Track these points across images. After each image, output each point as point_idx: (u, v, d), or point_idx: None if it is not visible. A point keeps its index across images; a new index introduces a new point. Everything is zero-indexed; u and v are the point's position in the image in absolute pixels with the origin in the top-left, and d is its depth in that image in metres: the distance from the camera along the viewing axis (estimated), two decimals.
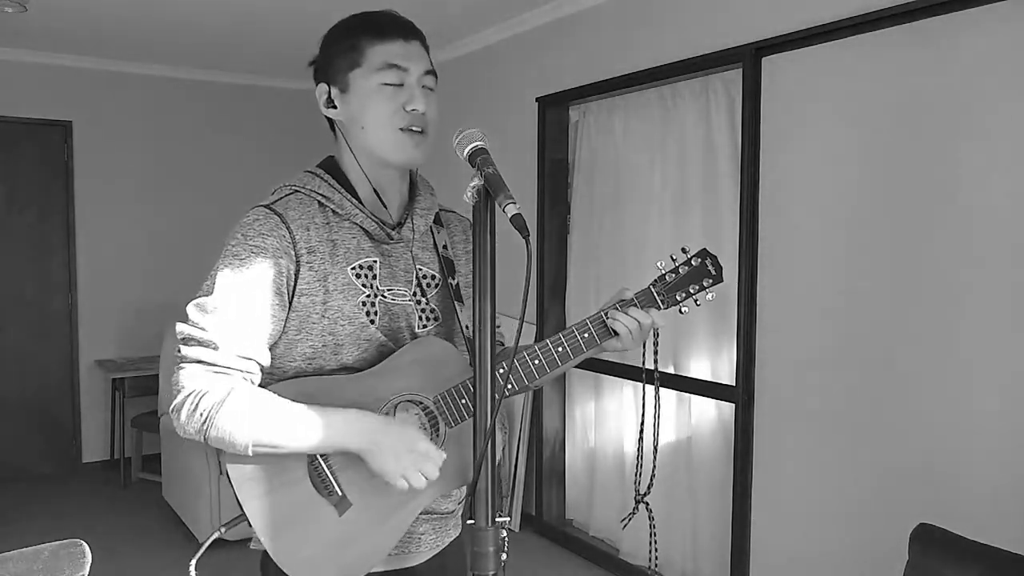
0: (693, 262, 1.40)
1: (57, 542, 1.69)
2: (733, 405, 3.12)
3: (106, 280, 5.29)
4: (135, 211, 5.36)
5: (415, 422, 1.32)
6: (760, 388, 3.02)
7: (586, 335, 1.34)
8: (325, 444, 1.24)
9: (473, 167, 1.13)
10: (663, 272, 1.39)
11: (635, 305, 1.35)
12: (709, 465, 3.45)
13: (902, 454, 2.56)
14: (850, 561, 2.73)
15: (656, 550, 1.62)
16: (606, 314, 1.35)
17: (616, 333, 1.34)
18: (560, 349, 1.33)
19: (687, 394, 3.51)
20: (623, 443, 3.90)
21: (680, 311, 1.40)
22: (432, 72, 1.38)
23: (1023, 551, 1.81)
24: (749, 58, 2.96)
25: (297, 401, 1.25)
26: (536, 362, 1.33)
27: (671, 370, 3.54)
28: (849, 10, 2.62)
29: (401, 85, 1.33)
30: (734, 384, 3.11)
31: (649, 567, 3.38)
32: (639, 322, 1.34)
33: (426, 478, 1.24)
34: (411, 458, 1.23)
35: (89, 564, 1.69)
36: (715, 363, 3.42)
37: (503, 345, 1.56)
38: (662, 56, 3.38)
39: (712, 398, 3.36)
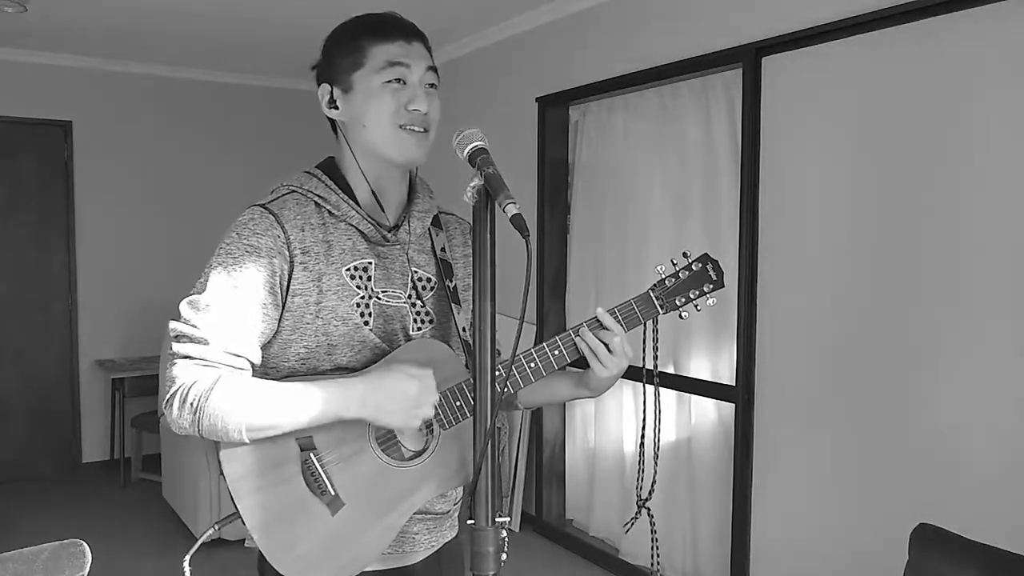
0: (694, 267, 1.39)
1: (57, 542, 1.69)
2: (733, 405, 3.12)
3: (106, 280, 5.29)
4: (135, 211, 5.36)
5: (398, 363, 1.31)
6: (760, 388, 3.02)
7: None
8: (321, 417, 1.24)
9: (473, 167, 1.12)
10: (663, 276, 1.39)
11: (602, 327, 1.34)
12: (709, 465, 3.45)
13: (902, 454, 2.56)
14: (850, 561, 2.73)
15: (658, 557, 1.62)
16: (575, 332, 1.34)
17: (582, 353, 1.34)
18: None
19: (687, 394, 3.51)
20: (623, 443, 3.90)
21: (680, 316, 1.39)
22: (434, 69, 1.38)
23: (1023, 551, 1.81)
24: (749, 58, 2.96)
25: None
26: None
27: (671, 370, 3.54)
28: (849, 10, 2.62)
29: (403, 84, 1.34)
30: (734, 384, 3.11)
31: (652, 572, 3.37)
32: (606, 344, 1.32)
33: (434, 405, 1.27)
34: (412, 403, 1.24)
35: (89, 564, 1.69)
36: (715, 363, 3.42)
37: (499, 353, 1.56)
38: (662, 56, 3.38)
39: (712, 398, 3.37)
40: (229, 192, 5.55)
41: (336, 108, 1.39)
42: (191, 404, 1.22)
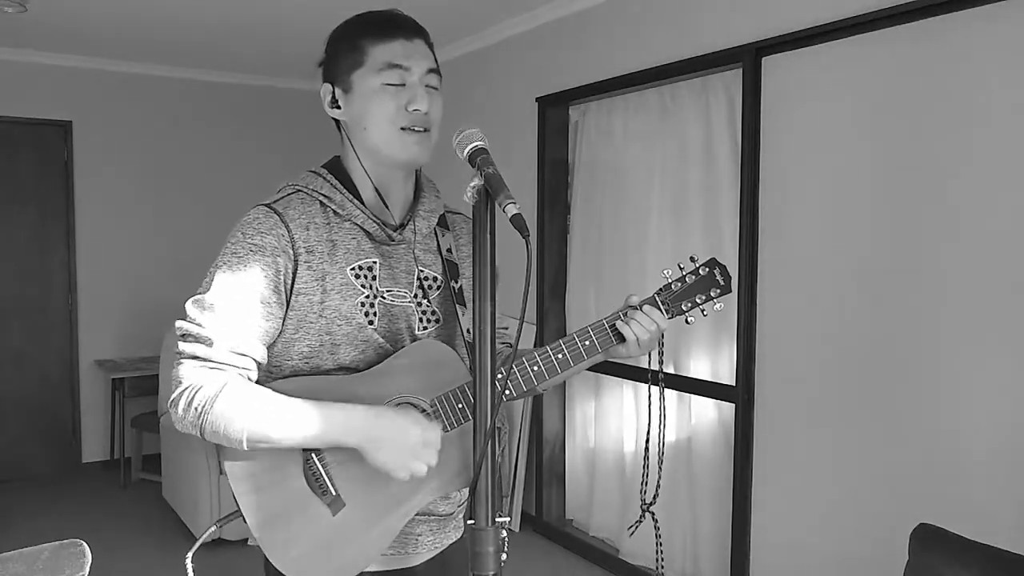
0: (701, 271, 1.38)
1: (57, 542, 1.69)
2: (733, 405, 3.12)
3: (106, 280, 5.29)
4: (135, 211, 5.36)
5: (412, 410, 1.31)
6: (760, 388, 3.02)
7: (587, 342, 1.34)
8: (320, 439, 1.24)
9: (473, 167, 1.12)
10: (669, 281, 1.38)
11: (640, 311, 1.34)
12: (709, 465, 3.45)
13: (902, 454, 2.56)
14: (850, 561, 2.73)
15: (662, 561, 1.63)
16: (614, 319, 1.34)
17: (623, 339, 1.34)
18: (560, 356, 1.33)
19: (687, 394, 3.51)
20: (623, 443, 3.90)
21: (686, 321, 1.38)
22: (435, 70, 1.37)
23: (1023, 551, 1.81)
24: (749, 58, 2.96)
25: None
26: (535, 368, 1.33)
27: (671, 370, 3.53)
28: (849, 10, 2.62)
29: (403, 85, 1.33)
30: (734, 384, 3.11)
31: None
32: (646, 328, 1.33)
33: (428, 465, 1.25)
34: (410, 450, 1.23)
35: (89, 564, 1.69)
36: (715, 363, 3.42)
37: (509, 346, 1.56)
38: (662, 56, 3.38)
39: (712, 398, 3.36)
40: (229, 192, 5.56)
41: (338, 108, 1.38)
42: (196, 408, 1.22)
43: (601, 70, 3.70)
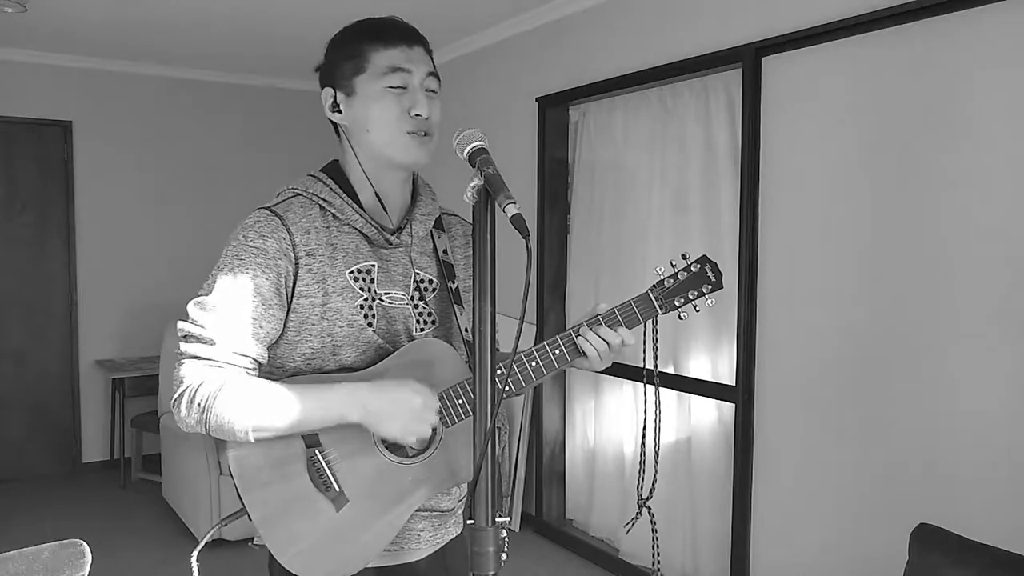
0: (692, 268, 1.41)
1: (57, 542, 1.70)
2: (733, 405, 3.12)
3: (106, 280, 5.29)
4: (135, 211, 5.36)
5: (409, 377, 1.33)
6: (760, 388, 3.02)
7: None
8: (323, 420, 1.27)
9: (473, 167, 1.13)
10: (662, 277, 1.41)
11: (601, 324, 1.36)
12: (709, 465, 3.45)
13: (902, 454, 2.57)
14: (850, 561, 2.73)
15: (659, 556, 1.64)
16: (576, 332, 1.36)
17: (584, 353, 1.35)
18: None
19: (687, 394, 3.51)
20: (623, 443, 3.90)
21: (679, 317, 1.41)
22: (435, 74, 1.40)
23: (1023, 551, 1.81)
24: (749, 58, 2.96)
25: None
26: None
27: (671, 370, 3.54)
28: (849, 10, 2.63)
29: (406, 88, 1.35)
30: (734, 384, 3.11)
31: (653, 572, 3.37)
32: (607, 343, 1.35)
33: (432, 427, 1.29)
34: (412, 416, 1.26)
35: (89, 564, 1.69)
36: (715, 363, 3.42)
37: (497, 348, 1.57)
38: (662, 56, 3.38)
39: (712, 398, 3.37)
40: (228, 192, 5.56)
41: (339, 112, 1.40)
42: (198, 404, 1.24)
43: (601, 70, 3.71)
